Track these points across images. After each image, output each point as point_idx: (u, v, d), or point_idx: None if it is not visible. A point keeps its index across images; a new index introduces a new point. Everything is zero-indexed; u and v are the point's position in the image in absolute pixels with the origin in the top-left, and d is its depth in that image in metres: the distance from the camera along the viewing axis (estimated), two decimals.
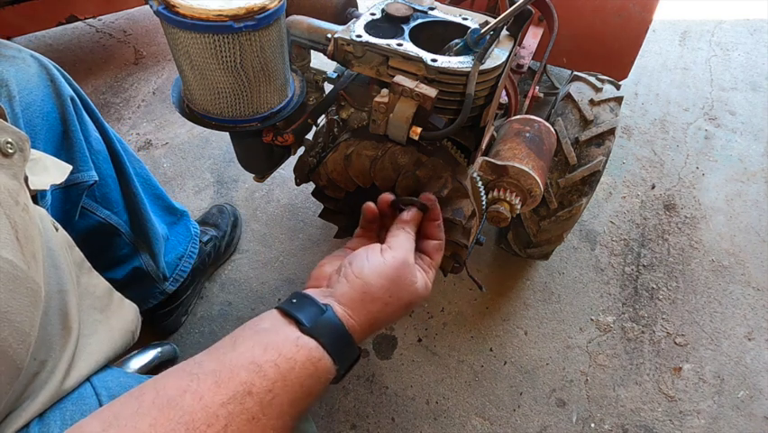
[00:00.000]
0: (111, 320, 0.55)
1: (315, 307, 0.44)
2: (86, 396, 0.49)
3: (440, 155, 0.77)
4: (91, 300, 0.54)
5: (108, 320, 0.55)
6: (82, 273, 0.55)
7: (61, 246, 0.51)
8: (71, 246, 0.54)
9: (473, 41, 0.71)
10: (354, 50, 0.72)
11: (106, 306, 0.56)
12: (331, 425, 1.01)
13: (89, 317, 0.53)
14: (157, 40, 1.91)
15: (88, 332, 0.52)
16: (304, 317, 0.43)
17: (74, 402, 0.48)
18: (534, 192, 0.76)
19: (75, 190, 0.76)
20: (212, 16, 0.57)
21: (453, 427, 1.02)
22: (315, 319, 0.43)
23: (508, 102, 1.02)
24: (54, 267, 0.48)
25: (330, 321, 0.43)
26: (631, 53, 1.34)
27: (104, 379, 0.52)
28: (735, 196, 1.52)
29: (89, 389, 0.50)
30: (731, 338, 1.19)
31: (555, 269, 1.29)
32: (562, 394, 1.08)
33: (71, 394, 0.48)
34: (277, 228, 1.33)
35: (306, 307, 0.44)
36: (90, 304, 0.54)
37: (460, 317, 1.19)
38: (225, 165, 1.47)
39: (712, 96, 1.88)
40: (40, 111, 0.69)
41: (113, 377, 0.53)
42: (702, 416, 1.07)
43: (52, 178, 0.57)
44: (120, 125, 1.57)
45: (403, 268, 0.49)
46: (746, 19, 2.32)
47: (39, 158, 0.57)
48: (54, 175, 0.57)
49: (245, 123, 0.71)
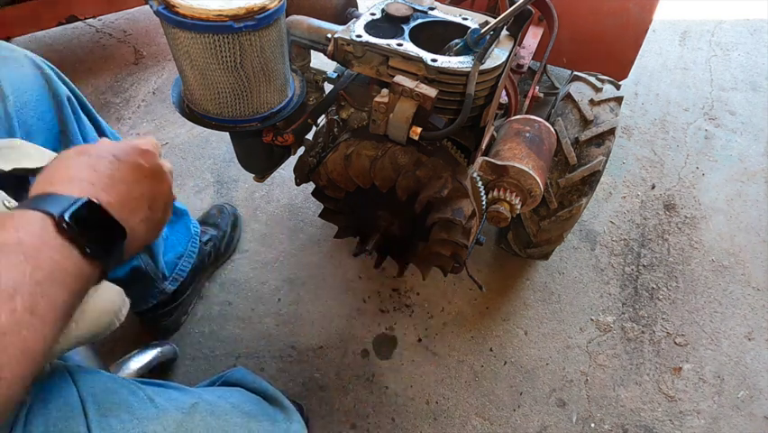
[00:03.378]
0: (86, 300, 0.54)
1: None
2: (72, 402, 0.47)
3: (440, 155, 0.77)
4: None
5: (88, 303, 0.54)
6: None
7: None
8: None
9: (473, 41, 0.71)
10: (354, 50, 0.72)
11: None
12: (331, 425, 1.01)
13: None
14: (157, 40, 1.91)
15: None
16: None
17: (58, 408, 0.47)
18: (534, 192, 0.76)
19: None
20: (212, 16, 0.57)
21: (453, 427, 1.02)
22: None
23: (508, 102, 1.02)
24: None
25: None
26: (631, 53, 1.34)
27: (90, 384, 0.50)
28: (735, 196, 1.52)
29: (75, 394, 0.49)
30: (731, 338, 1.19)
31: (555, 269, 1.29)
32: (562, 394, 1.08)
33: (56, 400, 0.47)
34: (277, 228, 1.33)
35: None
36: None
37: (460, 317, 1.19)
38: (225, 165, 1.47)
39: (712, 96, 1.88)
40: (35, 111, 0.68)
41: (100, 382, 0.51)
42: (702, 416, 1.07)
43: (33, 162, 0.54)
44: (120, 125, 1.57)
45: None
46: (746, 19, 2.32)
47: (19, 145, 0.55)
48: (34, 160, 0.55)
49: (245, 123, 0.71)
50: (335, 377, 1.07)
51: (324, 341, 1.12)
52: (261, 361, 1.08)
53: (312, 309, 1.17)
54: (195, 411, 0.49)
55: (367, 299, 1.20)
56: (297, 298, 1.19)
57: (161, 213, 0.49)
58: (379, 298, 1.20)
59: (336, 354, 1.11)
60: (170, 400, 0.49)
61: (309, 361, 1.09)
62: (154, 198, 0.47)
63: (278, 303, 1.18)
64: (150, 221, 0.47)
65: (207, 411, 0.50)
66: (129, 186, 0.45)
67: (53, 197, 0.39)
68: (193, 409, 0.49)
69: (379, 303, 1.19)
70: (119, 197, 0.43)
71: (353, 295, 1.21)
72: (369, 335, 1.14)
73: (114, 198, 0.43)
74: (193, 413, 0.48)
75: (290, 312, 1.17)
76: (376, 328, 1.15)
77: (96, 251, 0.39)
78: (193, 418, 0.48)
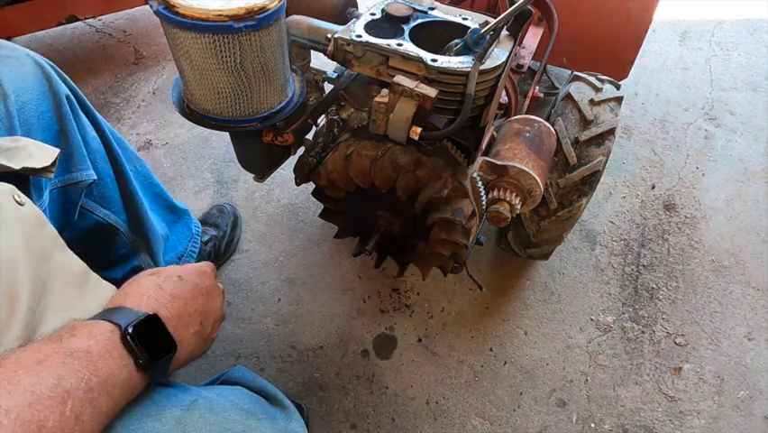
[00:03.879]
0: (87, 298, 0.55)
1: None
2: None
3: (440, 155, 0.77)
4: (65, 276, 0.54)
5: (84, 298, 0.55)
6: (55, 250, 0.55)
7: (22, 220, 0.51)
8: (42, 223, 0.55)
9: (473, 41, 0.71)
10: (354, 50, 0.72)
11: (82, 284, 0.56)
12: (331, 425, 1.01)
13: (63, 292, 0.54)
14: (157, 40, 1.91)
15: (62, 306, 0.52)
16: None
17: None
18: (534, 192, 0.76)
19: (74, 190, 0.76)
20: (212, 16, 0.57)
21: (453, 427, 1.02)
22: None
23: (508, 102, 1.02)
24: (5, 237, 0.48)
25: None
26: (631, 53, 1.34)
27: None
28: (735, 196, 1.52)
29: None
30: (731, 338, 1.19)
31: (555, 269, 1.29)
32: (562, 394, 1.08)
33: None
34: (277, 228, 1.33)
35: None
36: (64, 280, 0.54)
37: (460, 317, 1.19)
38: (225, 165, 1.47)
39: (712, 96, 1.88)
40: (35, 110, 0.68)
41: None
42: (702, 416, 1.07)
43: (35, 162, 0.57)
44: (120, 125, 1.57)
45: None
46: (746, 19, 2.32)
47: (24, 145, 0.58)
48: (37, 160, 0.58)
49: (245, 123, 0.71)
50: (335, 377, 1.07)
51: (324, 341, 1.12)
52: (261, 361, 1.08)
53: (312, 309, 1.17)
54: (194, 408, 0.49)
55: (367, 299, 1.20)
56: (297, 298, 1.19)
57: (211, 328, 0.56)
58: (379, 298, 1.20)
59: (336, 354, 1.11)
60: (169, 398, 0.49)
61: (309, 361, 1.09)
62: (206, 314, 0.54)
63: (278, 303, 1.18)
64: (199, 335, 0.53)
65: (206, 408, 0.50)
66: (186, 302, 0.52)
67: (123, 310, 0.46)
68: (192, 407, 0.49)
69: (379, 303, 1.19)
70: (176, 311, 0.50)
71: (353, 295, 1.21)
72: (369, 335, 1.14)
73: (172, 313, 0.49)
74: (192, 410, 0.48)
75: (290, 312, 1.17)
76: (376, 328, 1.15)
77: (147, 362, 0.44)
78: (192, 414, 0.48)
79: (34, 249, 0.52)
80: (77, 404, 0.38)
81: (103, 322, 0.44)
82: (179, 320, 0.50)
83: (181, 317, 0.50)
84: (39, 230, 0.54)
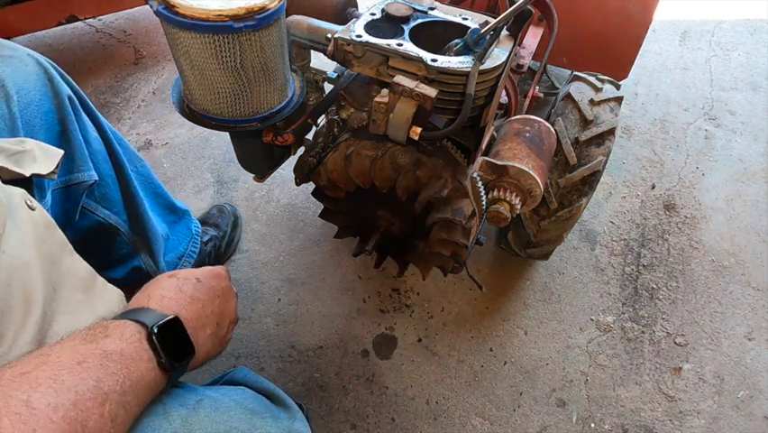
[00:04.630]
0: (95, 302, 0.56)
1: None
2: None
3: (440, 155, 0.77)
4: (73, 280, 0.55)
5: (92, 301, 0.56)
6: (64, 254, 0.56)
7: (34, 224, 0.52)
8: (52, 227, 0.56)
9: (473, 41, 0.71)
10: (354, 50, 0.72)
11: (89, 288, 0.57)
12: (331, 425, 1.01)
13: (72, 296, 0.54)
14: (157, 40, 1.91)
15: (71, 309, 0.53)
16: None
17: None
18: (534, 192, 0.76)
19: (75, 190, 0.76)
20: (212, 16, 0.58)
21: (453, 427, 1.02)
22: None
23: (508, 102, 1.02)
24: (19, 241, 0.49)
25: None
26: (631, 53, 1.34)
27: None
28: (735, 196, 1.52)
29: None
30: (731, 338, 1.19)
31: (555, 269, 1.29)
32: (562, 394, 1.08)
33: None
34: (277, 228, 1.33)
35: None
36: (72, 284, 0.55)
37: (460, 317, 1.19)
38: (225, 165, 1.48)
39: (712, 96, 1.88)
40: (38, 110, 0.68)
41: None
42: (702, 416, 1.07)
43: (39, 168, 0.58)
44: (120, 125, 1.57)
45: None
46: (746, 19, 2.32)
47: (29, 149, 0.58)
48: (42, 165, 0.59)
49: (245, 123, 0.71)
50: (335, 377, 1.07)
51: (324, 341, 1.12)
52: (261, 361, 1.09)
53: (312, 309, 1.18)
54: (199, 407, 0.49)
55: (367, 299, 1.20)
56: (297, 298, 1.19)
57: (226, 330, 0.58)
58: (379, 298, 1.20)
59: (336, 354, 1.11)
60: (175, 397, 0.49)
61: (309, 361, 1.09)
62: (222, 315, 0.57)
63: (278, 303, 1.18)
64: (216, 336, 0.55)
65: (212, 408, 0.50)
66: (204, 304, 0.54)
67: (148, 311, 0.48)
68: (198, 406, 0.49)
69: (379, 303, 1.19)
70: (195, 313, 0.52)
71: (353, 295, 1.21)
72: (369, 335, 1.14)
73: (192, 315, 0.51)
74: (198, 409, 0.49)
75: (290, 312, 1.17)
76: (376, 328, 1.15)
77: (169, 364, 0.46)
78: (198, 413, 0.48)
79: (45, 253, 0.53)
80: (114, 406, 0.39)
81: (131, 323, 0.45)
82: (198, 322, 0.51)
83: (199, 318, 0.52)
84: (49, 234, 0.55)
